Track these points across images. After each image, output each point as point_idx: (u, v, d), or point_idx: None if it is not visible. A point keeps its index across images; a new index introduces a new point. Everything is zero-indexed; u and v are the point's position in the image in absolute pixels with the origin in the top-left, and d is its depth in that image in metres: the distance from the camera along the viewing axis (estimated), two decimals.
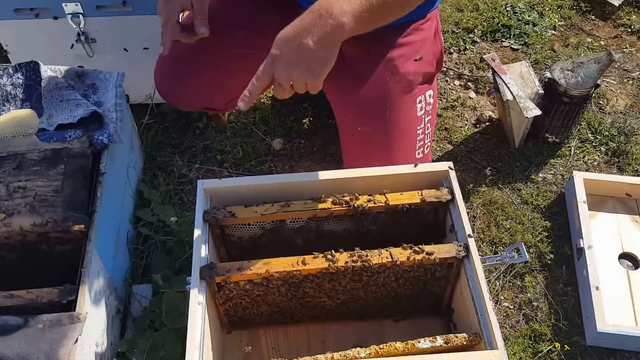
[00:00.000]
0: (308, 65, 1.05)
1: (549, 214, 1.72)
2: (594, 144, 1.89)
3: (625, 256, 1.61)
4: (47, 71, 1.46)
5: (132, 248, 1.57)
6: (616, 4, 2.29)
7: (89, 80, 1.50)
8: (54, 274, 1.27)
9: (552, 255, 1.63)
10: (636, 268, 1.58)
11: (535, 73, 1.85)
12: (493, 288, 1.56)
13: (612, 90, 2.06)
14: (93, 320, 1.24)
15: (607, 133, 1.90)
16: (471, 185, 1.79)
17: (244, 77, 1.52)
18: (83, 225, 1.26)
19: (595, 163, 1.84)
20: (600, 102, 2.01)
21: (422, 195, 1.30)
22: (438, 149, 1.90)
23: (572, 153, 1.86)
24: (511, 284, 1.58)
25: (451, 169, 1.33)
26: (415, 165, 1.35)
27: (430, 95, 1.52)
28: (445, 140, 1.92)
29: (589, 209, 1.64)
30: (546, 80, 1.75)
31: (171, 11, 1.28)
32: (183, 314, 1.38)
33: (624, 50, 2.20)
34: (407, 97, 1.48)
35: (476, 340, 1.13)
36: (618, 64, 2.13)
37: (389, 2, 1.08)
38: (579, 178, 1.67)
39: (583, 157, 1.86)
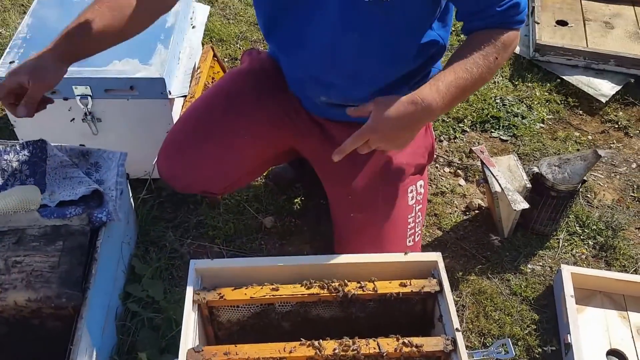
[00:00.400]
0: (397, 142, 1.27)
1: (538, 307, 1.73)
2: (582, 237, 1.93)
3: (613, 353, 1.61)
4: (53, 149, 1.51)
5: (120, 325, 1.57)
6: (603, 100, 2.39)
7: (92, 159, 1.55)
8: (43, 348, 1.28)
9: (540, 349, 1.64)
10: None
11: (523, 166, 1.90)
12: None
13: (599, 184, 2.12)
14: None
15: (594, 227, 1.94)
16: (460, 273, 1.81)
17: (241, 164, 1.59)
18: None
19: (583, 256, 1.87)
20: (588, 195, 2.06)
21: (410, 285, 1.32)
22: (428, 234, 1.93)
23: (560, 245, 1.89)
24: None
25: (440, 259, 1.36)
26: (405, 254, 1.38)
27: (421, 185, 1.57)
28: (435, 226, 1.96)
29: (577, 303, 1.65)
30: (534, 174, 1.81)
31: (8, 83, 1.27)
32: None
33: (611, 145, 2.27)
34: (399, 186, 1.53)
35: None
36: (605, 159, 2.20)
37: (467, 93, 1.28)
38: (567, 272, 1.70)
39: (571, 250, 1.89)
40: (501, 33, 1.27)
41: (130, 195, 1.74)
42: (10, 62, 1.67)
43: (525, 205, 1.75)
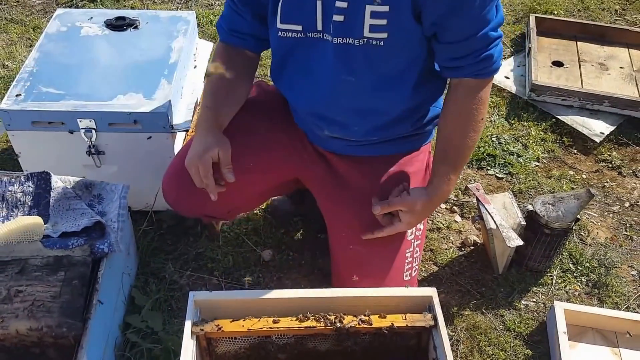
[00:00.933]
0: (417, 223, 1.52)
1: (531, 342, 1.75)
2: (575, 274, 1.95)
3: None
4: (57, 181, 1.55)
5: (119, 354, 1.59)
6: (597, 140, 2.43)
7: (95, 191, 1.59)
8: None
9: None
10: None
11: (518, 204, 1.94)
12: None
13: (593, 222, 2.15)
14: None
15: (587, 264, 1.97)
16: (455, 308, 1.83)
17: (246, 191, 1.63)
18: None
19: (576, 293, 1.90)
20: (582, 233, 2.09)
21: (405, 319, 1.34)
22: (423, 269, 1.95)
23: (553, 282, 1.92)
24: None
25: (435, 295, 1.38)
26: (401, 288, 1.40)
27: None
28: (431, 262, 1.99)
29: (569, 339, 1.67)
30: (528, 212, 1.84)
31: (207, 166, 1.41)
32: None
33: (605, 184, 2.31)
34: None
35: None
36: (599, 197, 2.24)
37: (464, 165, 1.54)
38: (560, 308, 1.72)
39: (564, 287, 1.91)
40: (478, 88, 1.39)
41: (132, 226, 1.77)
42: (17, 95, 1.72)
43: (520, 242, 1.78)
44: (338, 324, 1.31)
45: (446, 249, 2.03)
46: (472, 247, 2.03)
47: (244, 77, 1.55)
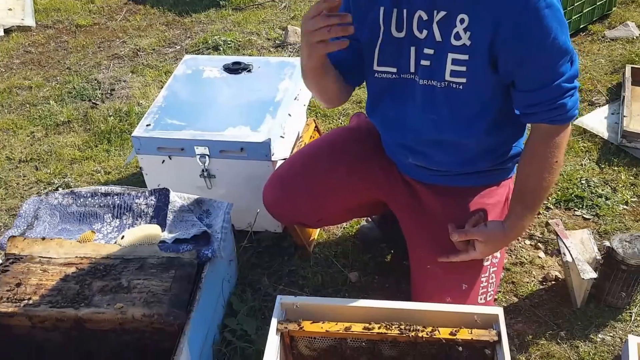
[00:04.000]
0: (490, 254, 1.64)
1: None
2: None
3: None
4: (174, 197, 1.83)
5: (217, 349, 1.81)
6: None
7: (205, 206, 1.86)
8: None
9: None
10: None
11: (595, 240, 1.99)
12: None
13: None
14: None
15: None
16: (530, 337, 1.90)
17: (335, 203, 1.83)
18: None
19: None
20: None
21: (471, 333, 1.46)
22: (503, 300, 2.04)
23: (632, 319, 1.94)
24: None
25: (501, 314, 1.48)
26: (470, 305, 1.52)
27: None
28: (511, 293, 2.06)
29: None
30: (605, 248, 1.90)
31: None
32: None
33: None
34: None
35: None
36: None
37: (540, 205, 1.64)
38: (634, 342, 1.74)
39: None
40: (553, 134, 1.49)
41: (234, 242, 2.02)
42: (147, 125, 2.04)
43: (593, 275, 1.83)
44: (407, 333, 1.45)
45: (527, 282, 2.10)
46: (553, 282, 2.09)
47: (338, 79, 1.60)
